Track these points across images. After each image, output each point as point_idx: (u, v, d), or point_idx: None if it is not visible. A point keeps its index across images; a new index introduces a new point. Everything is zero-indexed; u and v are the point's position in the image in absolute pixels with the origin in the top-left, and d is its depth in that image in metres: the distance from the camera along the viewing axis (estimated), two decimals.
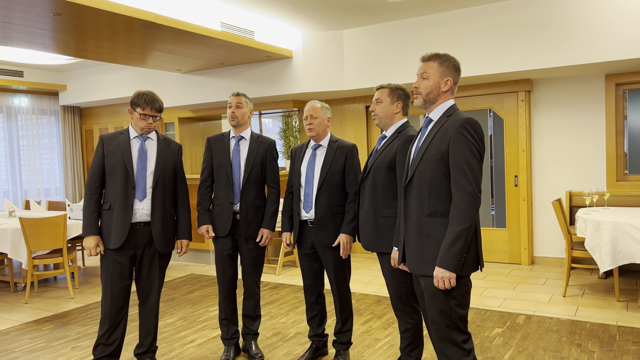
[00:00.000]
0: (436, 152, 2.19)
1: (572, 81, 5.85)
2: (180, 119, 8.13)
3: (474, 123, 2.15)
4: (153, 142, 3.17)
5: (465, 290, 2.20)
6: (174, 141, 3.30)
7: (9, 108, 8.26)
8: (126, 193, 3.03)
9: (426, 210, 2.21)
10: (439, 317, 2.19)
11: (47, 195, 8.74)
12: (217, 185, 3.38)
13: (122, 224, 3.01)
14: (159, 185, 3.11)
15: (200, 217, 3.36)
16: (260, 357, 3.42)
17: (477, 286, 5.16)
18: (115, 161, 3.05)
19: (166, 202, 3.16)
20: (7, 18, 4.31)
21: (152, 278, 3.16)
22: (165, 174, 3.15)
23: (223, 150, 3.35)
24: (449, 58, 2.28)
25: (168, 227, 3.18)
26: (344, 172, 3.15)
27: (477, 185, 2.11)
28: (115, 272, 3.04)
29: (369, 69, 6.14)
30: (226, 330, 3.44)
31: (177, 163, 3.26)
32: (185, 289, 5.42)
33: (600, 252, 4.28)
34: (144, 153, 3.11)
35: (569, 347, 3.52)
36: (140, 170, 3.08)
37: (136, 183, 3.05)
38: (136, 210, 3.06)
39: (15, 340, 4.00)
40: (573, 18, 5.03)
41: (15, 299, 5.18)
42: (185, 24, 4.86)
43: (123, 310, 3.11)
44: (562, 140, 5.94)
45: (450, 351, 2.20)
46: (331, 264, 3.15)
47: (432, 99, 2.28)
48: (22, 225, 4.80)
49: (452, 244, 2.09)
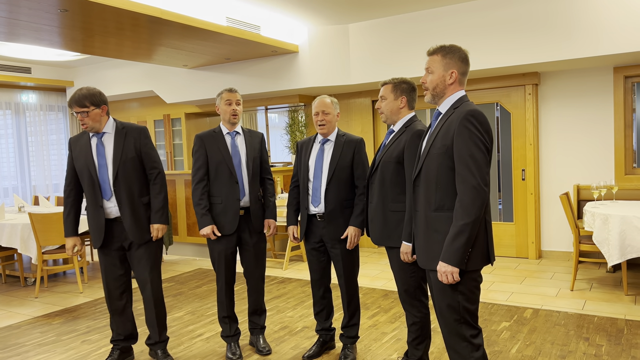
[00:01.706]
0: (441, 146, 2.15)
1: (580, 74, 5.80)
2: (186, 114, 8.15)
3: (478, 114, 2.09)
4: (110, 135, 3.13)
5: (475, 286, 2.18)
6: (135, 126, 3.20)
7: (17, 104, 8.31)
8: (94, 194, 3.10)
9: (433, 205, 2.19)
10: (448, 311, 2.18)
11: (55, 190, 8.80)
12: (216, 183, 3.28)
13: (97, 225, 3.13)
14: (120, 179, 3.08)
15: (203, 218, 3.24)
16: (268, 350, 3.45)
17: (485, 280, 5.15)
18: (80, 164, 3.11)
19: (134, 192, 3.13)
20: (14, 15, 4.34)
21: (143, 268, 3.20)
22: (127, 164, 3.10)
23: (220, 147, 3.29)
24: (453, 49, 2.22)
25: (140, 216, 3.14)
26: (352, 166, 3.16)
27: (483, 179, 2.06)
28: (107, 263, 3.20)
29: (375, 63, 6.13)
30: (229, 328, 3.42)
31: (141, 148, 3.16)
32: (192, 283, 5.46)
33: (609, 246, 4.26)
34: (102, 150, 3.10)
35: (576, 340, 3.52)
36: (101, 169, 3.09)
37: (100, 183, 3.08)
38: (107, 209, 3.12)
39: (26, 334, 4.04)
40: (581, 10, 4.99)
41: (25, 293, 5.24)
42: (191, 19, 4.87)
43: (123, 298, 3.24)
44: (569, 133, 5.90)
45: (459, 346, 2.18)
46: (340, 257, 3.16)
47: (439, 92, 2.25)
48: (31, 220, 4.84)
49: (455, 239, 2.06)
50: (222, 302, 3.39)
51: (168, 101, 7.59)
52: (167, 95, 7.57)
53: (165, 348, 3.36)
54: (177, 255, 6.94)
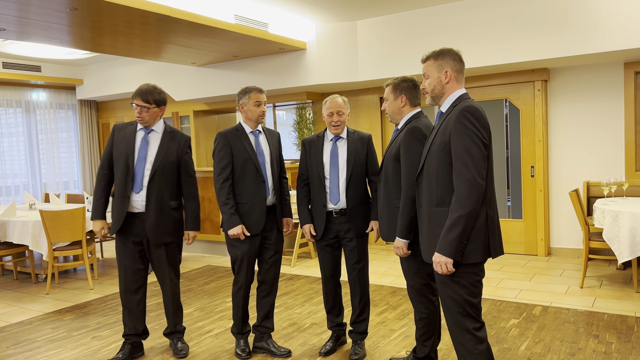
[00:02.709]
0: (440, 142, 2.23)
1: (589, 70, 5.76)
2: (195, 112, 8.18)
3: (473, 110, 2.15)
4: (157, 135, 3.25)
5: (476, 279, 2.22)
6: (182, 133, 3.34)
7: (27, 103, 8.39)
8: (125, 183, 3.17)
9: (435, 200, 2.25)
10: (450, 303, 2.23)
11: (65, 188, 8.87)
12: (241, 182, 3.20)
13: (119, 213, 3.19)
14: (157, 178, 3.18)
15: (231, 218, 3.13)
16: (288, 352, 3.37)
17: (493, 277, 5.14)
18: (120, 151, 3.19)
19: (164, 194, 3.22)
20: (24, 13, 4.37)
21: (162, 265, 3.31)
22: (166, 166, 3.21)
23: (246, 145, 3.22)
24: (443, 51, 2.32)
25: (164, 219, 3.23)
26: (367, 162, 3.21)
27: (478, 173, 2.10)
28: (127, 255, 3.25)
29: (383, 59, 6.11)
30: (242, 326, 3.38)
31: (182, 155, 3.29)
32: (201, 280, 5.49)
33: (619, 243, 4.23)
34: (145, 145, 3.20)
35: (586, 338, 3.50)
36: (139, 162, 3.17)
37: (135, 175, 3.17)
38: (134, 201, 3.19)
39: (38, 330, 4.09)
40: (591, 5, 4.94)
41: (36, 289, 5.29)
42: (199, 17, 4.88)
43: (138, 293, 3.29)
44: (579, 130, 5.86)
45: (464, 338, 2.23)
46: (356, 252, 3.20)
47: (437, 94, 2.33)
48: (42, 218, 4.88)
49: (449, 230, 2.13)
50: (239, 304, 3.32)
51: (176, 99, 7.62)
52: (175, 92, 7.60)
53: (182, 338, 3.50)
54: (186, 252, 6.97)
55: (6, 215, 5.38)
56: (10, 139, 8.17)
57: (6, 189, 8.13)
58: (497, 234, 2.24)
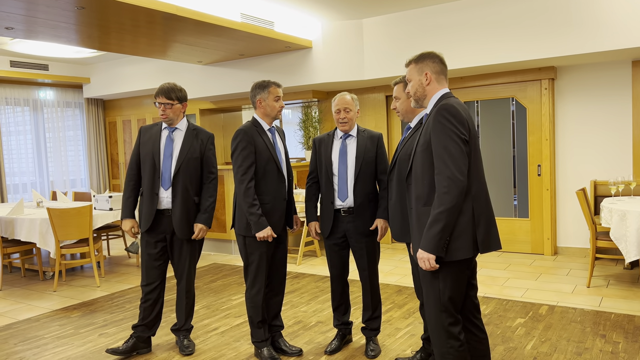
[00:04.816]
0: (423, 143, 2.26)
1: (597, 68, 5.72)
2: (201, 110, 8.20)
3: (449, 107, 2.18)
4: (181, 133, 3.34)
5: (460, 276, 2.24)
6: (205, 131, 3.42)
7: (34, 101, 8.43)
8: (153, 181, 3.27)
9: (422, 200, 2.27)
10: (431, 297, 2.26)
11: (72, 186, 8.92)
12: (263, 181, 3.09)
13: (148, 211, 3.28)
14: (181, 174, 3.27)
15: (260, 220, 3.01)
16: (297, 350, 3.37)
17: (499, 276, 5.13)
18: (146, 151, 3.30)
19: (189, 190, 3.30)
20: (32, 12, 4.40)
21: (183, 261, 3.39)
22: (190, 163, 3.29)
23: (267, 143, 3.11)
24: (423, 55, 2.36)
25: (190, 214, 3.32)
26: (376, 160, 3.20)
27: (457, 169, 2.12)
28: (150, 252, 3.34)
29: (389, 58, 6.10)
30: (263, 332, 3.23)
31: (205, 152, 3.36)
32: (207, 277, 5.50)
33: (626, 242, 4.20)
34: (170, 143, 3.30)
35: (593, 337, 3.48)
36: (165, 160, 3.27)
37: (162, 172, 3.26)
38: (161, 198, 3.30)
39: (45, 327, 4.12)
40: (598, 3, 4.91)
41: (44, 287, 5.33)
42: (205, 16, 4.89)
43: (157, 288, 3.37)
44: (586, 128, 5.82)
45: (438, 332, 2.25)
46: (365, 251, 3.20)
47: (420, 96, 2.38)
48: (49, 215, 4.91)
49: (431, 227, 2.15)
50: (258, 307, 3.17)
51: None
52: None
53: (189, 335, 3.52)
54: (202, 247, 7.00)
55: (14, 213, 5.42)
56: (17, 137, 8.22)
57: (14, 187, 8.18)
58: (488, 228, 2.23)
